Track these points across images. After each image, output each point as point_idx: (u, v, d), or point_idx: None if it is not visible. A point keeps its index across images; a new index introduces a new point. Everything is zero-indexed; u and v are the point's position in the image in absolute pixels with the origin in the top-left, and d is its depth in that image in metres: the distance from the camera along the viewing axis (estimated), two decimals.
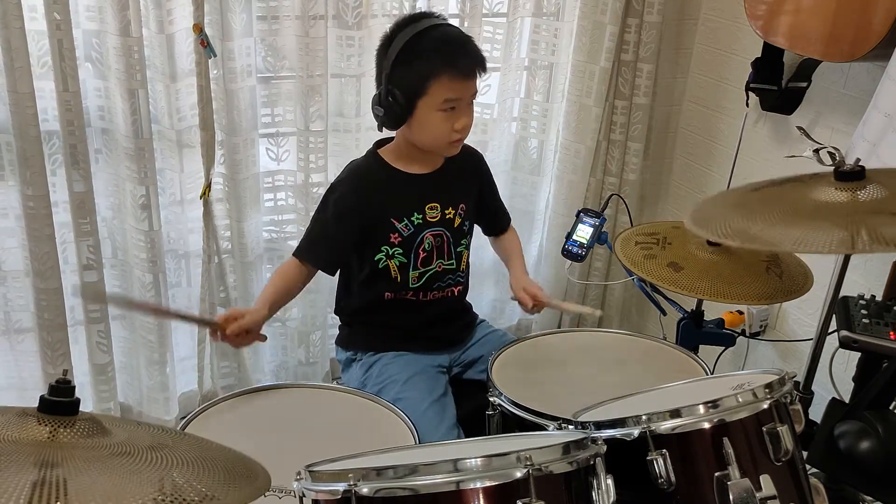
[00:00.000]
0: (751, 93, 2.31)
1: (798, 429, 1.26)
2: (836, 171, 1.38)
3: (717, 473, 1.19)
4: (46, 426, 0.87)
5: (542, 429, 1.50)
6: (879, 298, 1.72)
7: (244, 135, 2.15)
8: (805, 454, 1.37)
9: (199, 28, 1.97)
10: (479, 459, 1.04)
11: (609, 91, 2.50)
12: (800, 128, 1.89)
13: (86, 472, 0.82)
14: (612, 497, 1.12)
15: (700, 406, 1.21)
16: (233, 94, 2.09)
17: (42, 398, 0.89)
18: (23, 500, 0.76)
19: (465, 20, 2.30)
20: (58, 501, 0.77)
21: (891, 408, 1.52)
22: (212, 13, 2.00)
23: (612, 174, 2.63)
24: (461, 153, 1.86)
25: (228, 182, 2.18)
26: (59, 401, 0.89)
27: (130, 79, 1.95)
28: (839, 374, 1.99)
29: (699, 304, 2.14)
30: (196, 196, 2.17)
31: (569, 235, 2.16)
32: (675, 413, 1.21)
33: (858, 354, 1.68)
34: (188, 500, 0.82)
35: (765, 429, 1.21)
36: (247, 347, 1.60)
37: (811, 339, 1.88)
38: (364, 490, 1.04)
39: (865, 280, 2.10)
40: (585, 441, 1.15)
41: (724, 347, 2.28)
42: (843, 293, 1.75)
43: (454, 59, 1.65)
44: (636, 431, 1.21)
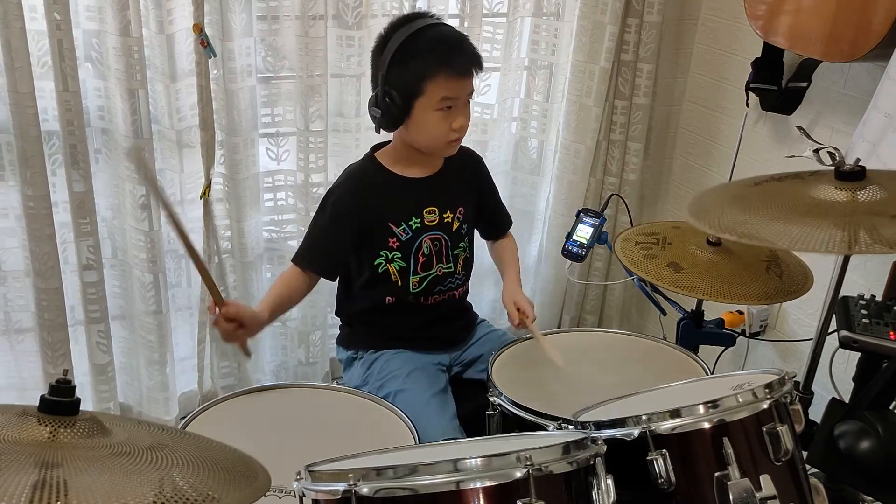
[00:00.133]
0: (751, 93, 2.31)
1: (798, 429, 1.26)
2: (837, 171, 1.39)
3: (717, 473, 1.19)
4: (47, 426, 0.87)
5: (542, 429, 1.51)
6: (879, 298, 1.72)
7: (244, 135, 2.15)
8: (805, 454, 1.37)
9: (199, 28, 1.97)
10: (479, 459, 1.04)
11: (609, 91, 2.50)
12: (800, 128, 1.89)
13: (86, 472, 0.82)
14: (612, 497, 1.12)
15: (700, 406, 1.21)
16: (233, 94, 2.09)
17: (42, 398, 0.89)
18: (23, 501, 0.76)
19: (465, 20, 2.30)
20: (58, 501, 0.77)
21: (891, 408, 1.52)
22: (212, 13, 2.00)
23: (612, 174, 2.63)
24: (460, 155, 1.86)
25: (228, 182, 2.19)
26: (60, 401, 0.89)
27: (130, 79, 1.95)
28: (839, 374, 1.99)
29: (699, 304, 2.14)
30: (196, 196, 2.17)
31: (569, 235, 2.16)
32: (675, 413, 1.21)
33: (858, 354, 1.68)
34: (188, 500, 0.82)
35: (765, 429, 1.21)
36: (233, 343, 1.58)
37: (811, 339, 1.88)
38: (364, 490, 1.04)
39: (865, 280, 2.10)
40: (585, 441, 1.15)
41: (724, 347, 2.28)
42: (843, 293, 1.75)
43: (450, 59, 1.65)
44: (636, 431, 1.21)
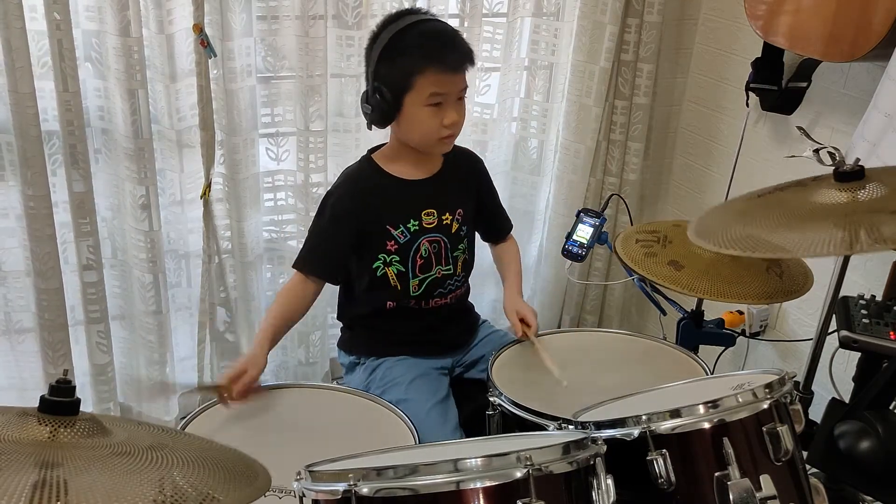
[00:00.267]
0: (751, 93, 2.31)
1: (798, 429, 1.26)
2: (836, 172, 1.39)
3: (717, 473, 1.19)
4: (47, 426, 0.87)
5: (542, 429, 1.50)
6: (879, 298, 1.72)
7: (244, 135, 2.15)
8: (805, 454, 1.37)
9: (199, 28, 1.97)
10: (479, 459, 1.04)
11: (609, 91, 2.50)
12: (800, 128, 1.88)
13: (86, 472, 0.82)
14: (612, 497, 1.12)
15: (700, 406, 1.21)
16: (233, 94, 2.09)
17: (42, 398, 0.89)
18: (23, 500, 0.76)
19: (465, 20, 2.30)
20: (58, 501, 0.77)
21: (891, 408, 1.52)
22: (212, 13, 2.00)
23: (613, 174, 2.63)
24: (458, 156, 1.85)
25: (228, 182, 2.18)
26: (60, 401, 0.89)
27: (130, 79, 1.95)
28: (839, 374, 1.99)
29: (699, 304, 2.14)
30: (196, 196, 2.17)
31: (569, 235, 2.16)
32: (675, 413, 1.21)
33: (858, 354, 1.68)
34: (188, 500, 0.82)
35: (765, 429, 1.21)
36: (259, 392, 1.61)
37: (811, 339, 1.88)
38: (364, 490, 1.04)
39: (865, 280, 2.10)
40: (585, 441, 1.15)
41: (724, 347, 2.28)
42: (843, 293, 1.75)
43: (438, 53, 1.63)
44: (636, 431, 1.21)
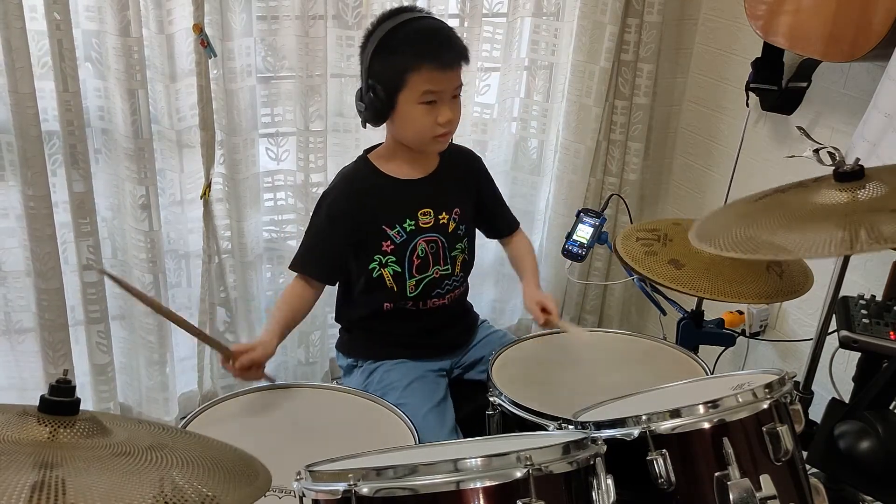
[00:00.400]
0: (751, 93, 2.31)
1: (798, 429, 1.26)
2: (836, 172, 1.39)
3: (717, 473, 1.19)
4: (47, 426, 0.87)
5: (542, 429, 1.50)
6: (879, 298, 1.72)
7: (244, 135, 2.15)
8: (805, 454, 1.37)
9: (199, 28, 1.97)
10: (479, 459, 1.04)
11: (609, 91, 2.50)
12: (800, 128, 1.89)
13: (86, 473, 0.82)
14: (612, 497, 1.12)
15: (700, 406, 1.21)
16: (233, 94, 2.09)
17: (42, 398, 0.89)
18: (22, 501, 0.76)
19: (466, 20, 2.30)
20: (57, 501, 0.77)
21: (891, 408, 1.52)
22: (212, 13, 2.00)
23: (613, 174, 2.63)
24: (456, 155, 1.85)
25: (228, 182, 2.18)
26: (60, 401, 0.89)
27: (130, 79, 1.95)
28: (839, 374, 1.99)
29: (699, 304, 2.14)
30: (196, 196, 2.17)
31: (569, 235, 2.16)
32: (675, 413, 1.21)
33: (858, 354, 1.68)
34: (188, 500, 0.82)
35: (765, 429, 1.21)
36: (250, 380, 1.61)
37: (811, 339, 1.88)
38: (364, 490, 1.04)
39: (865, 280, 2.10)
40: (585, 441, 1.15)
41: (724, 347, 2.28)
42: (843, 293, 1.75)
43: (431, 51, 1.63)
44: (636, 431, 1.21)
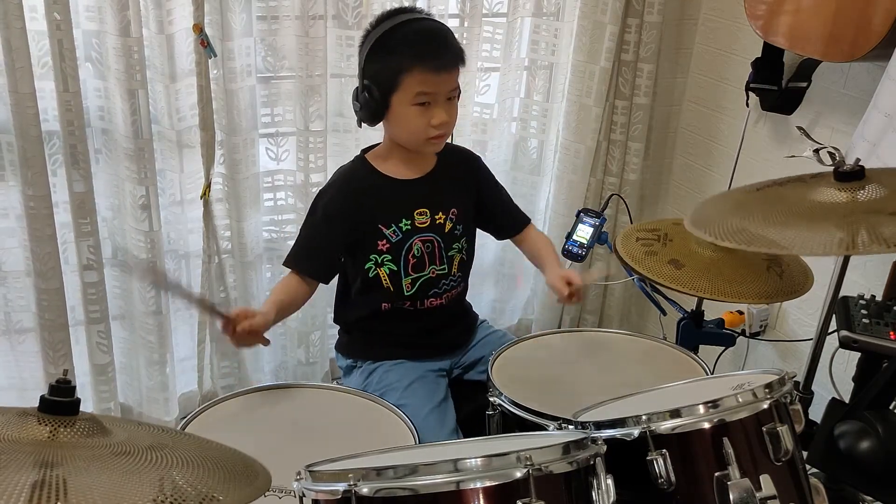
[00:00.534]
0: (751, 93, 2.31)
1: (798, 429, 1.26)
2: (836, 171, 1.39)
3: (717, 473, 1.19)
4: (47, 426, 0.87)
5: (542, 429, 1.50)
6: (879, 298, 1.72)
7: (244, 135, 2.15)
8: (805, 454, 1.37)
9: (199, 28, 1.97)
10: (479, 459, 1.04)
11: (609, 91, 2.50)
12: (800, 128, 1.89)
13: (86, 472, 0.82)
14: (612, 497, 1.12)
15: (700, 406, 1.21)
16: (233, 94, 2.09)
17: (42, 398, 0.89)
18: (23, 500, 0.76)
19: (465, 20, 2.30)
20: (58, 501, 0.77)
21: (891, 408, 1.52)
22: (212, 13, 2.00)
23: (613, 174, 2.64)
24: (455, 156, 1.85)
25: (228, 182, 2.18)
26: (60, 401, 0.89)
27: (130, 79, 1.95)
28: (839, 374, 1.99)
29: (699, 304, 2.14)
30: (196, 196, 2.17)
31: (569, 235, 2.16)
32: (675, 413, 1.21)
33: (858, 354, 1.68)
34: (188, 500, 0.82)
35: (765, 429, 1.21)
36: (247, 348, 1.61)
37: (811, 339, 1.88)
38: (364, 490, 1.04)
39: (865, 280, 2.10)
40: (585, 441, 1.15)
41: (724, 347, 2.28)
42: (843, 293, 1.75)
43: (425, 53, 1.63)
44: (636, 431, 1.21)
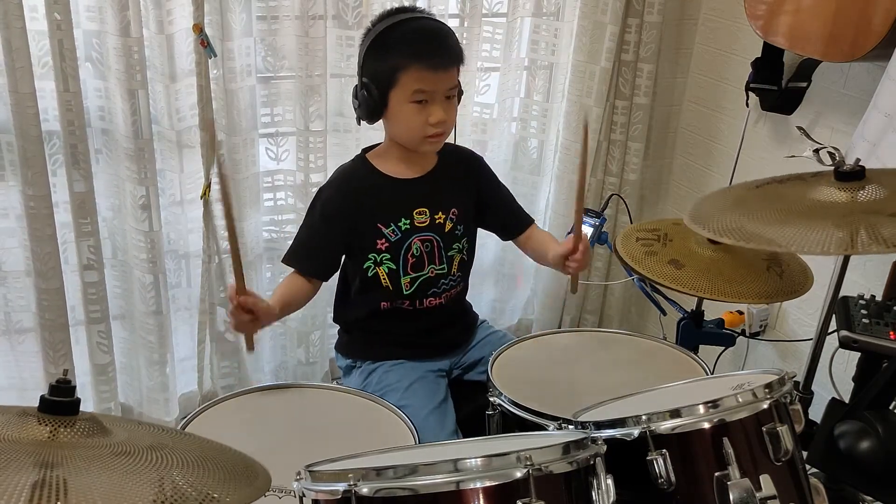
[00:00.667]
0: (751, 93, 2.31)
1: (798, 429, 1.26)
2: (836, 171, 1.39)
3: (717, 473, 1.19)
4: (47, 426, 0.87)
5: (542, 429, 1.50)
6: (879, 298, 1.72)
7: (244, 135, 2.15)
8: (805, 454, 1.37)
9: (199, 28, 1.97)
10: (479, 459, 1.04)
11: (609, 91, 2.50)
12: (800, 128, 1.89)
13: (86, 472, 0.82)
14: (612, 497, 1.12)
15: (700, 406, 1.21)
16: (233, 94, 2.09)
17: (42, 398, 0.89)
18: (23, 500, 0.76)
19: (465, 20, 2.30)
20: (58, 501, 0.77)
21: (891, 408, 1.52)
22: (212, 13, 2.00)
23: (613, 174, 2.64)
24: (455, 155, 1.85)
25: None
26: (60, 400, 0.89)
27: (130, 79, 1.95)
28: (839, 374, 1.99)
29: (699, 304, 2.14)
30: (196, 196, 2.17)
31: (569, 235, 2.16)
32: (675, 413, 1.21)
33: (858, 354, 1.68)
34: (188, 500, 0.83)
35: (765, 429, 1.21)
36: (240, 332, 1.60)
37: (811, 339, 1.88)
38: (364, 490, 1.04)
39: (865, 280, 2.10)
40: (585, 441, 1.15)
41: (724, 347, 2.28)
42: (843, 293, 1.75)
43: (422, 51, 1.63)
44: (636, 431, 1.21)
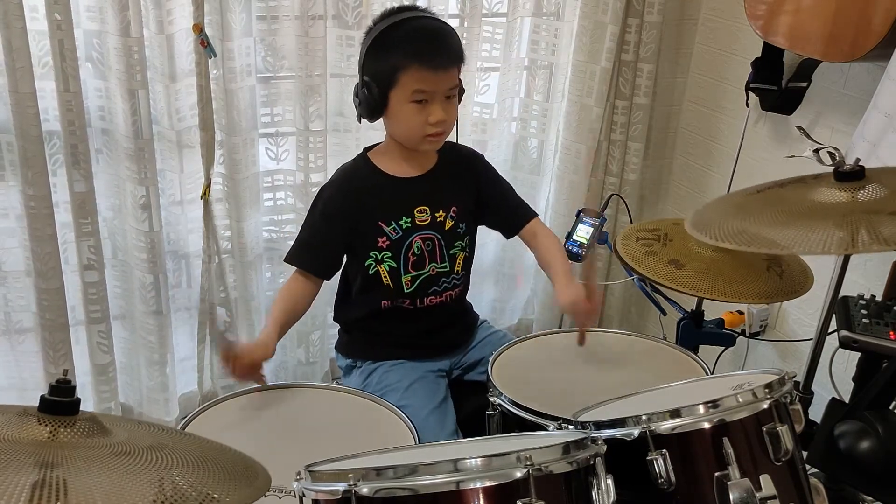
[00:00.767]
0: (751, 93, 2.31)
1: (798, 429, 1.26)
2: (836, 171, 1.39)
3: (717, 473, 1.19)
4: (47, 426, 0.87)
5: (542, 429, 1.50)
6: (879, 298, 1.72)
7: (244, 134, 2.15)
8: (805, 454, 1.37)
9: (199, 28, 1.98)
10: (479, 459, 1.04)
11: (610, 91, 2.50)
12: (800, 128, 1.89)
13: (86, 472, 0.82)
14: (612, 497, 1.12)
15: (700, 406, 1.21)
16: (232, 94, 2.09)
17: (42, 398, 0.89)
18: (23, 500, 0.76)
19: (465, 20, 2.30)
20: (58, 501, 0.77)
21: (891, 408, 1.52)
22: (212, 13, 2.00)
23: (613, 174, 2.63)
24: (456, 154, 1.85)
25: (228, 182, 2.18)
26: (60, 400, 0.89)
27: (131, 79, 1.95)
28: (839, 374, 1.99)
29: (699, 304, 2.14)
30: (196, 196, 2.17)
31: (569, 235, 2.16)
32: (675, 413, 1.21)
33: (858, 354, 1.68)
34: (188, 500, 0.83)
35: (765, 429, 1.21)
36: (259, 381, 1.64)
37: (811, 339, 1.88)
38: (364, 490, 1.04)
39: (865, 280, 2.10)
40: (585, 441, 1.15)
41: (724, 347, 2.28)
42: (843, 293, 1.75)
43: (423, 51, 1.63)
44: (636, 431, 1.21)
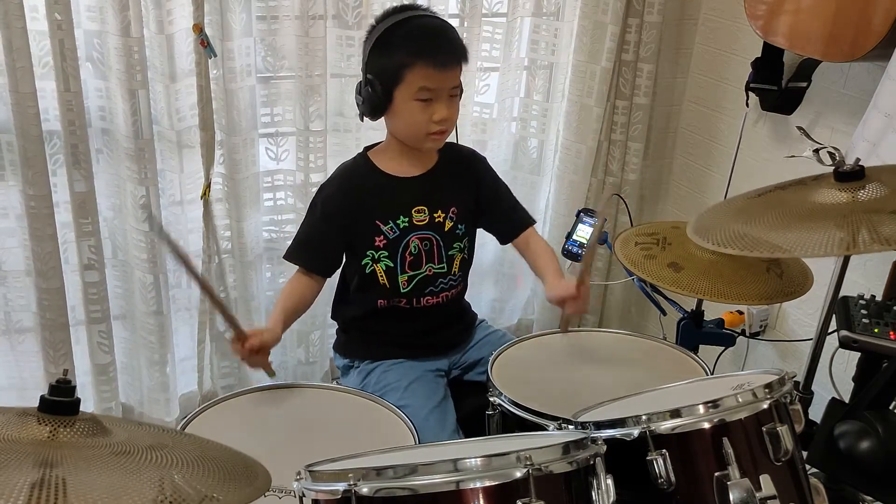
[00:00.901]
0: (751, 93, 2.31)
1: (798, 429, 1.26)
2: (836, 172, 1.39)
3: (717, 473, 1.19)
4: (46, 426, 0.87)
5: (542, 429, 1.50)
6: (879, 298, 1.72)
7: (244, 134, 2.15)
8: (805, 454, 1.37)
9: (199, 28, 1.98)
10: (479, 459, 1.04)
11: (610, 91, 2.50)
12: (800, 128, 1.88)
13: (86, 472, 0.82)
14: (612, 497, 1.12)
15: (700, 406, 1.21)
16: (232, 94, 2.09)
17: (42, 398, 0.89)
18: (22, 500, 0.76)
19: (465, 20, 2.30)
20: (58, 501, 0.77)
21: (891, 408, 1.52)
22: (212, 13, 2.00)
23: (613, 174, 2.63)
24: (456, 154, 1.85)
25: (228, 182, 2.19)
26: (60, 400, 0.89)
27: (131, 79, 1.95)
28: (839, 374, 1.99)
29: (699, 305, 2.14)
30: (196, 196, 2.17)
31: (569, 235, 2.16)
32: (675, 413, 1.21)
33: (858, 354, 1.68)
34: (188, 500, 0.83)
35: (765, 429, 1.21)
36: (253, 368, 1.64)
37: (811, 339, 1.88)
38: (364, 490, 1.04)
39: (865, 280, 2.10)
40: (585, 441, 1.15)
41: (724, 347, 2.28)
42: (843, 293, 1.75)
43: (428, 49, 1.63)
44: (636, 431, 1.21)
